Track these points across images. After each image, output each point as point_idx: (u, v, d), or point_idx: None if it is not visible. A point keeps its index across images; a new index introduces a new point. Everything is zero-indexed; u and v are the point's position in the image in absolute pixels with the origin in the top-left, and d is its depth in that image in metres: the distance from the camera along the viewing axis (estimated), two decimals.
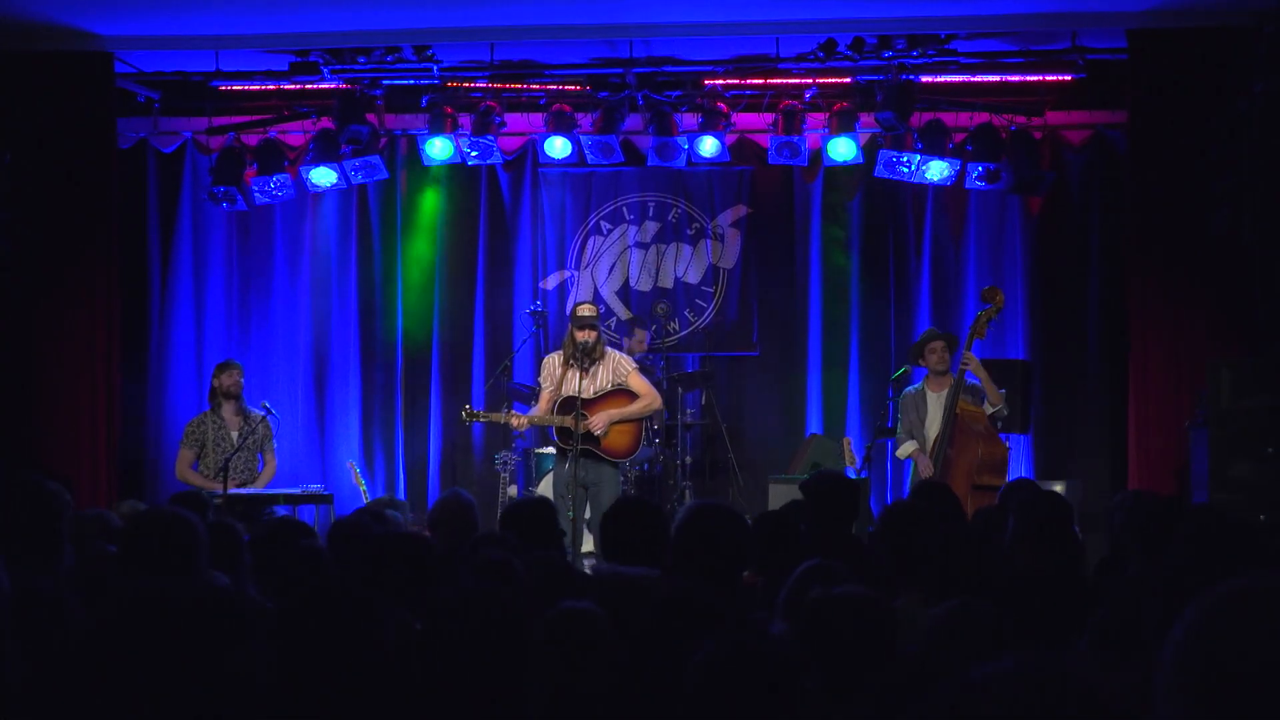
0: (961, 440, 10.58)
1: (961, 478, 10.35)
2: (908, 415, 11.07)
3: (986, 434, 10.63)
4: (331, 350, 13.71)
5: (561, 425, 10.24)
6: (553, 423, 10.29)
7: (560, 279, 13.75)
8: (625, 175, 13.62)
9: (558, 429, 10.31)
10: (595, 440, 10.20)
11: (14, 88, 11.74)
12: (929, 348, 11.11)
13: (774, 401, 13.57)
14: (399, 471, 13.67)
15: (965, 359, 10.74)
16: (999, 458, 10.60)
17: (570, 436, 10.17)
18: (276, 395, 12.73)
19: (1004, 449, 10.74)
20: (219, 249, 13.70)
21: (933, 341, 11.17)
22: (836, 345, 13.46)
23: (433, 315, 13.74)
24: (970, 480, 10.36)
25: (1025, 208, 13.13)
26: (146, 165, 13.57)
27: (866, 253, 13.48)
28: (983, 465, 10.46)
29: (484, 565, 4.77)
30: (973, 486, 10.26)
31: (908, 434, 11.05)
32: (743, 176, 13.52)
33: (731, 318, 13.61)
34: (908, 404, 11.11)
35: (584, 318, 10.34)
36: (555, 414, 10.27)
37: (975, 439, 10.54)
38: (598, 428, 10.19)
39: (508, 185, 13.76)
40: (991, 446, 10.58)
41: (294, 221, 13.70)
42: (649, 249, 13.68)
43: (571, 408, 10.20)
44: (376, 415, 13.72)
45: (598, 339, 10.44)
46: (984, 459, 10.48)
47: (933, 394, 11.00)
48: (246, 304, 13.71)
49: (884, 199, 13.39)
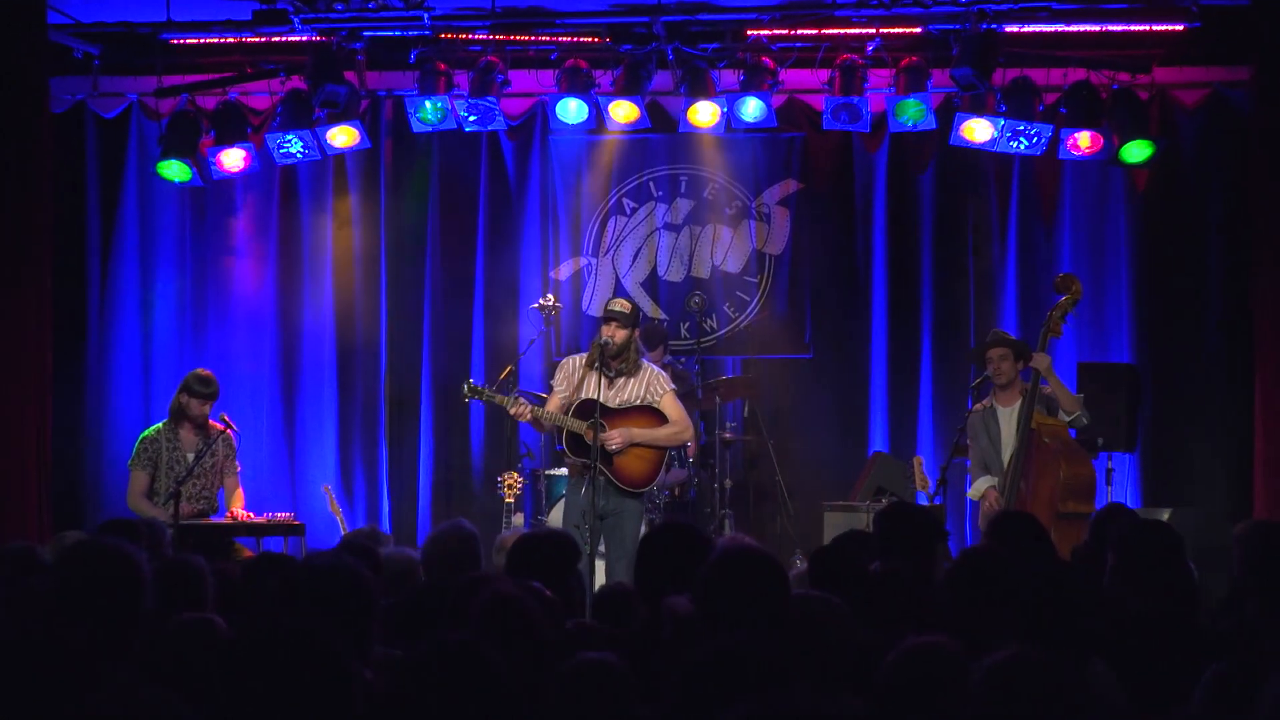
0: (1040, 461, 10.53)
1: (1043, 505, 10.29)
2: (978, 440, 11.01)
3: (1068, 451, 10.59)
4: (303, 352, 13.78)
5: (573, 430, 10.14)
6: (564, 424, 10.16)
7: (575, 267, 13.80)
8: (653, 144, 13.66)
9: (567, 439, 10.20)
10: (608, 458, 10.12)
11: None
12: (987, 355, 11.07)
13: (830, 413, 13.58)
14: (383, 497, 13.72)
15: (1034, 360, 10.71)
16: (1085, 480, 10.56)
17: (583, 447, 10.08)
18: (238, 406, 12.73)
19: (1091, 469, 10.70)
20: (170, 231, 13.78)
21: (992, 348, 11.07)
22: (905, 346, 13.48)
23: (423, 312, 13.79)
24: (1053, 508, 10.30)
25: (1130, 181, 13.13)
26: (85, 132, 13.66)
27: (940, 236, 13.49)
28: (1066, 490, 10.42)
29: (491, 606, 4.78)
30: (1056, 515, 10.20)
31: (981, 466, 10.98)
32: (792, 145, 13.55)
33: (780, 313, 13.63)
34: (976, 425, 11.04)
35: (612, 313, 10.28)
36: (569, 417, 10.18)
37: (1056, 458, 10.49)
38: (614, 443, 10.10)
39: (512, 156, 13.80)
40: (1075, 466, 10.54)
41: (258, 199, 13.78)
42: (681, 232, 13.72)
43: (589, 413, 10.20)
44: (356, 430, 13.77)
45: (629, 344, 10.30)
46: (1067, 482, 10.43)
47: (1003, 409, 10.94)
48: (202, 297, 13.77)
49: (961, 172, 13.40)
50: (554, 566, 6.03)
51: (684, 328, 13.56)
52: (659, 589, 5.43)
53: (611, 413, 10.21)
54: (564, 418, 10.15)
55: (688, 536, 5.68)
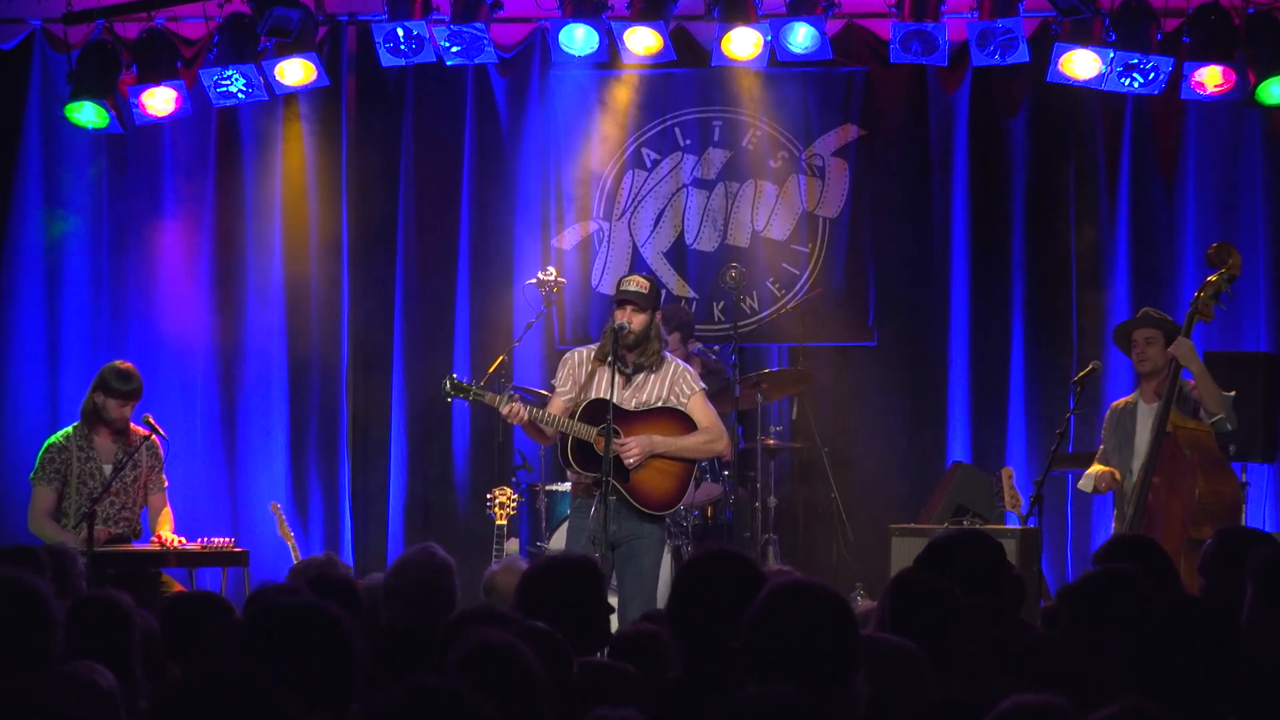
0: (1173, 473, 10.50)
1: (1172, 528, 10.28)
2: (1106, 441, 11.02)
3: (1209, 464, 10.54)
4: (247, 341, 13.79)
5: (580, 437, 10.05)
6: (569, 430, 10.08)
7: (582, 234, 13.82)
8: (679, 80, 13.68)
9: (573, 448, 10.11)
10: (623, 473, 10.06)
11: None
12: (1132, 337, 11.04)
13: (898, 414, 13.60)
14: (344, 518, 13.75)
15: (1174, 347, 10.67)
16: (1227, 500, 10.52)
17: (592, 459, 9.99)
18: (166, 408, 12.76)
19: (1235, 488, 10.67)
20: (81, 191, 13.79)
21: (1139, 329, 11.06)
22: (991, 331, 13.50)
23: (394, 291, 13.82)
24: (1184, 533, 10.27)
25: (1269, 127, 13.12)
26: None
27: (1035, 196, 13.49)
28: (1203, 511, 10.38)
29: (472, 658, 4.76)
30: (1187, 542, 10.18)
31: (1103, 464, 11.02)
32: (852, 83, 13.56)
33: (836, 291, 13.64)
34: (1109, 424, 11.07)
35: (627, 294, 10.20)
36: (575, 421, 10.09)
37: (1192, 472, 10.45)
38: (632, 454, 10.02)
39: (505, 96, 13.81)
40: (1217, 483, 10.49)
41: (191, 151, 13.78)
42: (714, 190, 13.73)
43: (600, 416, 10.15)
44: (312, 436, 13.80)
45: (650, 332, 10.22)
46: (1204, 502, 10.39)
47: (1144, 406, 10.90)
48: (121, 273, 13.77)
49: (1061, 115, 13.41)
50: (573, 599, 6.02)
51: (717, 309, 13.57)
52: (700, 631, 5.42)
53: (628, 416, 10.11)
54: (569, 421, 10.02)
55: (738, 568, 5.66)
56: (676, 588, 5.70)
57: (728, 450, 11.34)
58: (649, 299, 10.14)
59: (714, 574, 5.63)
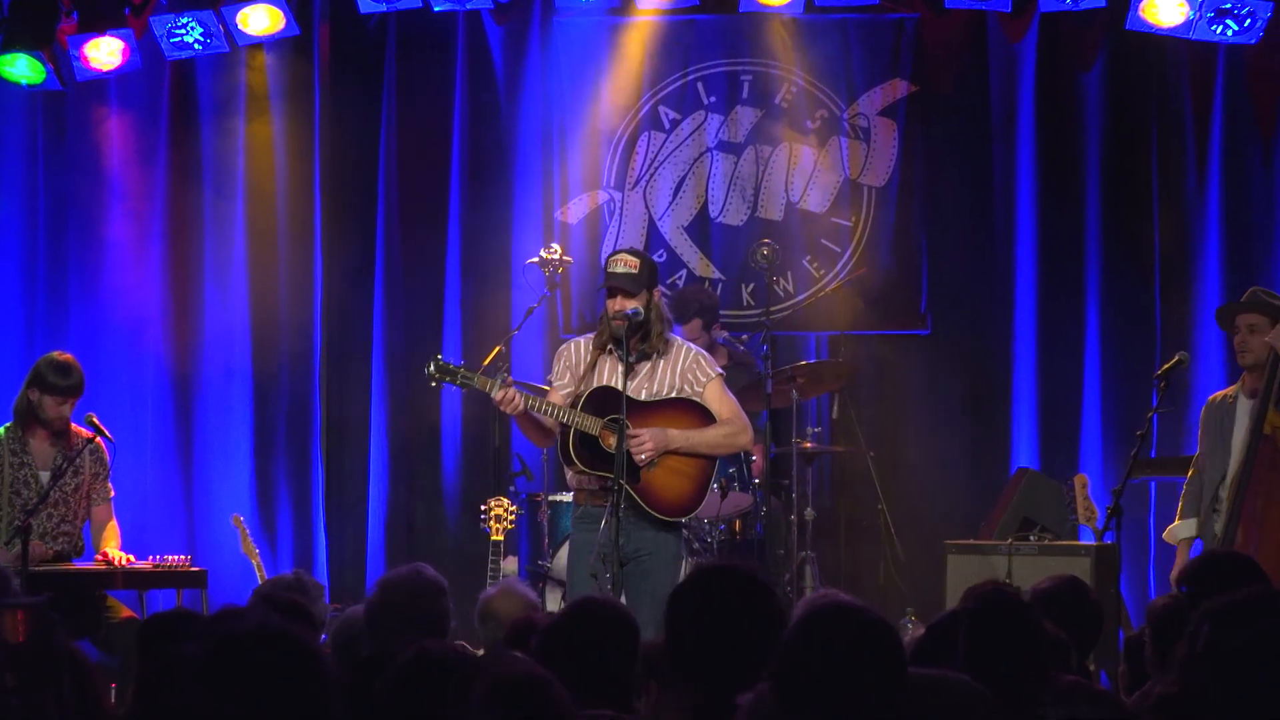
0: (1272, 480, 10.51)
1: (1270, 545, 10.29)
2: (1203, 440, 10.96)
3: None
4: (205, 331, 13.82)
5: (584, 430, 9.95)
6: (570, 421, 9.99)
7: (591, 205, 13.84)
8: (702, 28, 13.71)
9: (574, 445, 10.02)
10: (635, 471, 9.97)
11: None
12: (1236, 322, 11.01)
13: (956, 414, 13.64)
14: (318, 532, 13.80)
15: (1273, 336, 10.65)
16: None
17: (598, 456, 9.88)
18: (112, 407, 12.78)
19: None
20: (14, 157, 13.83)
21: (1244, 313, 11.02)
22: (1062, 318, 13.51)
23: (373, 271, 13.85)
24: None
25: None
26: None
27: (1112, 161, 13.51)
28: None
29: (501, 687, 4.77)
30: None
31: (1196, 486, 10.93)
32: (901, 31, 13.57)
33: (884, 271, 13.65)
34: (1208, 420, 11.01)
35: (614, 277, 10.08)
36: (579, 411, 9.97)
37: None
38: (645, 449, 9.94)
39: (501, 47, 13.84)
40: None
41: (141, 111, 13.81)
42: (743, 154, 13.75)
43: (605, 408, 9.92)
44: (280, 440, 13.83)
45: (651, 311, 10.15)
46: None
47: (1245, 401, 10.90)
48: (61, 254, 13.79)
49: (1142, 68, 13.42)
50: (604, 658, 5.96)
51: (746, 291, 13.60)
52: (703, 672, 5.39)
53: (637, 408, 10.02)
54: (571, 412, 9.89)
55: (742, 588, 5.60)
56: (669, 623, 5.58)
57: (752, 444, 11.24)
58: (640, 279, 9.87)
59: (711, 599, 5.55)
